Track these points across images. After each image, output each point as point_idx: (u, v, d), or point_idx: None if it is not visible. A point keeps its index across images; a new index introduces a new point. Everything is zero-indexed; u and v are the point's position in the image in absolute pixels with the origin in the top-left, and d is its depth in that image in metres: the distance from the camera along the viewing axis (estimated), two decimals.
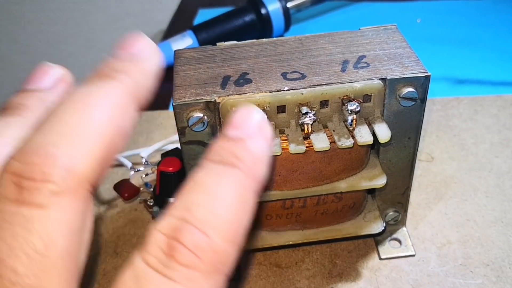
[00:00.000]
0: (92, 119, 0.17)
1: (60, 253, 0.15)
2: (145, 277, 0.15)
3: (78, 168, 0.16)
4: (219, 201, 0.16)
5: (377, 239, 0.33)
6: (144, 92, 0.19)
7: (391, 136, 0.26)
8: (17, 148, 0.16)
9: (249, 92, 0.25)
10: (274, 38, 0.29)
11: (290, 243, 0.30)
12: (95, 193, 0.17)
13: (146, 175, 0.37)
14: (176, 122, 0.25)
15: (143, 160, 0.38)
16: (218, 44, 0.29)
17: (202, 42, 0.53)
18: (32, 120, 0.18)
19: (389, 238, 0.33)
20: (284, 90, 0.25)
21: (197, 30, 0.54)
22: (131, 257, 0.16)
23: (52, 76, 0.21)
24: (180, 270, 0.15)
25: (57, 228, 0.15)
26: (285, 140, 0.25)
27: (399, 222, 0.33)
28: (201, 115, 0.24)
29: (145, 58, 0.19)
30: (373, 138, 0.25)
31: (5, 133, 0.18)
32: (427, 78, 0.25)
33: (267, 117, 0.25)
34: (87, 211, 0.17)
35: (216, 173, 0.17)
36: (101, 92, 0.17)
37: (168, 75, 0.24)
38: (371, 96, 0.26)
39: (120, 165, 0.39)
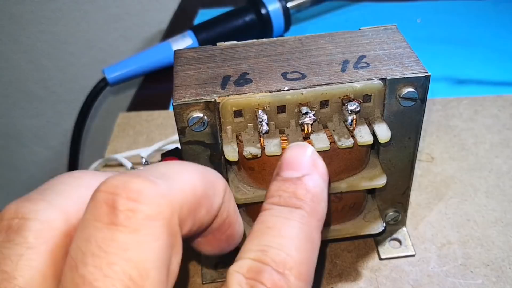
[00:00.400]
0: (187, 173, 0.17)
1: (154, 284, 0.15)
2: None
3: (173, 199, 0.16)
4: (291, 243, 0.17)
5: (377, 239, 0.33)
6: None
7: (391, 136, 0.26)
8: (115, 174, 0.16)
9: (249, 92, 0.25)
10: (274, 38, 0.29)
11: None
12: (183, 237, 0.17)
13: None
14: (176, 122, 0.25)
15: (143, 160, 0.38)
16: (218, 44, 0.29)
17: (202, 42, 0.53)
18: None
19: (389, 238, 0.33)
20: (284, 90, 0.25)
21: (197, 30, 0.54)
22: None
23: None
24: None
25: (150, 257, 0.15)
26: (285, 140, 0.25)
27: (399, 222, 0.33)
28: (201, 115, 0.24)
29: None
30: (373, 138, 0.25)
31: (101, 179, 0.18)
32: (427, 78, 0.25)
33: (267, 117, 0.25)
34: (176, 248, 0.16)
35: (282, 215, 0.18)
36: (198, 165, 0.19)
37: (168, 75, 0.24)
38: (371, 96, 0.26)
39: (120, 165, 0.39)
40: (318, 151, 0.26)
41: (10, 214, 0.16)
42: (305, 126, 0.25)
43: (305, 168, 0.20)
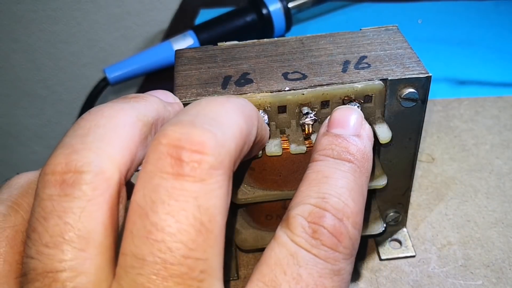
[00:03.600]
0: (233, 114, 0.18)
1: (220, 229, 0.16)
2: (299, 254, 0.17)
3: (229, 147, 0.17)
4: (348, 193, 0.19)
5: (378, 239, 0.33)
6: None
7: (392, 136, 0.26)
8: (169, 123, 0.17)
9: (250, 92, 0.25)
10: (275, 38, 0.29)
11: None
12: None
13: None
14: None
15: None
16: (219, 44, 0.29)
17: (203, 42, 0.53)
18: (154, 108, 0.19)
19: (389, 239, 0.33)
20: (285, 91, 0.25)
21: (198, 30, 0.54)
22: (278, 236, 0.18)
23: (170, 97, 0.23)
24: (325, 250, 0.17)
25: (217, 203, 0.16)
26: (286, 140, 0.25)
27: (399, 222, 0.33)
28: None
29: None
30: (374, 138, 0.25)
31: (130, 115, 0.18)
32: (428, 79, 0.25)
33: (268, 118, 0.25)
34: (230, 189, 0.17)
35: (337, 167, 0.20)
36: (233, 100, 0.19)
37: (169, 75, 0.24)
38: (372, 96, 0.25)
39: None
40: None
41: (61, 168, 0.16)
42: (306, 126, 0.25)
43: (354, 127, 0.21)
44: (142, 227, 0.15)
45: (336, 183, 0.19)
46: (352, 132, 0.21)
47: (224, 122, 0.17)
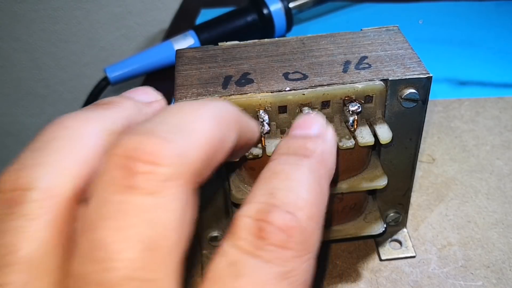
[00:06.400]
0: (203, 120, 0.16)
1: (173, 246, 0.14)
2: (240, 262, 0.15)
3: (191, 157, 0.15)
4: (299, 184, 0.17)
5: (378, 240, 0.33)
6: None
7: (392, 137, 0.26)
8: (126, 132, 0.15)
9: (250, 92, 0.25)
10: (276, 39, 0.29)
11: None
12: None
13: None
14: None
15: None
16: (220, 44, 0.29)
17: (204, 42, 0.53)
18: (125, 115, 0.18)
19: (389, 239, 0.33)
20: (285, 91, 0.25)
21: (199, 30, 0.54)
22: (222, 246, 0.15)
23: (151, 95, 0.21)
24: (273, 251, 0.15)
25: (169, 218, 0.14)
26: None
27: (399, 223, 0.33)
28: None
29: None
30: (374, 139, 0.25)
31: (95, 125, 0.17)
32: (429, 79, 0.25)
33: (269, 118, 0.25)
34: (192, 205, 0.15)
35: (291, 163, 0.18)
36: (209, 104, 0.17)
37: (169, 74, 0.24)
38: (372, 97, 0.25)
39: None
40: None
41: (10, 186, 0.15)
42: None
43: (315, 129, 0.19)
44: (87, 244, 0.14)
45: (286, 177, 0.17)
46: (312, 133, 0.19)
47: (189, 129, 0.16)
